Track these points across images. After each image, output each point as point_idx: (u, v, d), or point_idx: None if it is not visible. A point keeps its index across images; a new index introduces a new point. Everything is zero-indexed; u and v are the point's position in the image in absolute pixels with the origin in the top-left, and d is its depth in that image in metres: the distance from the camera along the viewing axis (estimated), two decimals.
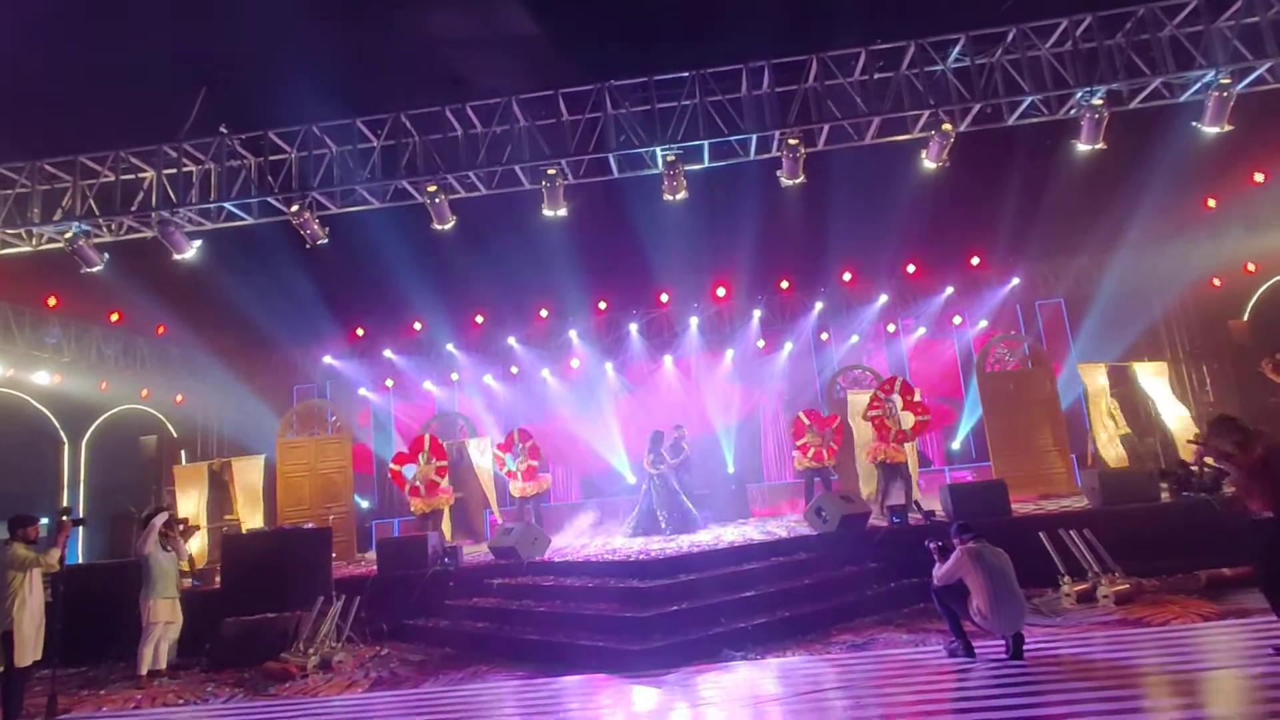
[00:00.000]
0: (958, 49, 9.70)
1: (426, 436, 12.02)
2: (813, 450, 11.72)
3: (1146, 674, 5.45)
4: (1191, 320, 15.35)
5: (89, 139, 10.34)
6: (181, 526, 8.52)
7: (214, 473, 12.73)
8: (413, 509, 11.72)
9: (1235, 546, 7.99)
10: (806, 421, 12.04)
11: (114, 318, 14.42)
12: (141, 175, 10.50)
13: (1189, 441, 8.98)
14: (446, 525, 12.12)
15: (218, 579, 9.60)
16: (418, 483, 11.64)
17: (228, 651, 8.13)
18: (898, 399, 10.95)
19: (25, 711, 6.69)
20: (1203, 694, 5.11)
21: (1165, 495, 9.30)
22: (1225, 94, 9.25)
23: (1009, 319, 16.16)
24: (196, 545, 11.31)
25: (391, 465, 11.82)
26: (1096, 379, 12.11)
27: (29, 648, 6.65)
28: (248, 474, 12.87)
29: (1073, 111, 9.82)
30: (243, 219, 10.82)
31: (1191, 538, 8.30)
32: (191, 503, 12.18)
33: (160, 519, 8.12)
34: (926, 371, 16.35)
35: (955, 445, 16.15)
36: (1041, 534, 8.19)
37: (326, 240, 10.63)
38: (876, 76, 9.73)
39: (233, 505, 12.44)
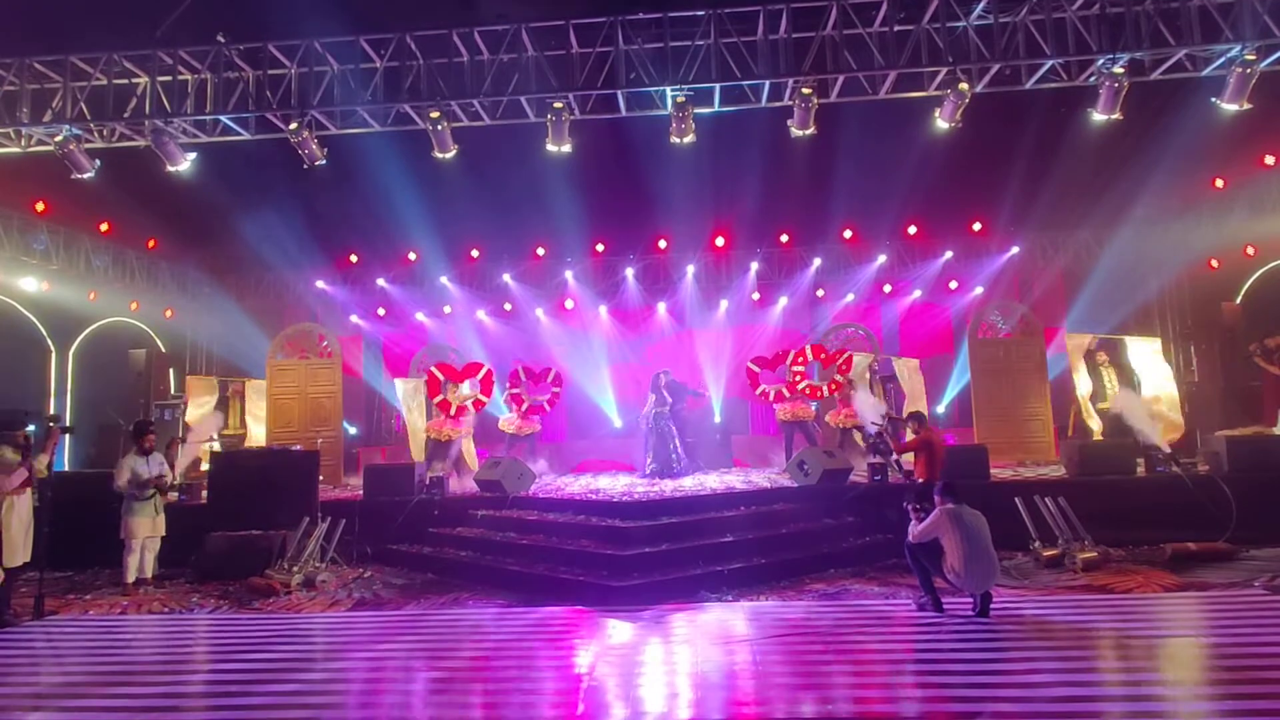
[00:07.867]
0: (982, 5, 9.43)
1: (520, 368, 12.12)
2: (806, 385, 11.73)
3: (1104, 637, 5.66)
4: (1185, 300, 15.37)
5: (80, 38, 9.96)
6: (168, 443, 8.56)
7: (223, 389, 12.77)
8: (441, 435, 11.56)
9: (1202, 522, 8.30)
10: (811, 357, 11.88)
11: (104, 228, 14.17)
12: (135, 80, 10.17)
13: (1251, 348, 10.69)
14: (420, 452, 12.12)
15: (204, 494, 9.70)
16: (467, 403, 11.77)
17: (213, 565, 8.27)
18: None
19: (13, 611, 6.83)
20: (1155, 659, 5.31)
21: (1140, 469, 9.49)
22: (1249, 70, 9.05)
23: (1006, 287, 16.15)
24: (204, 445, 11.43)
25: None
26: (1084, 350, 12.15)
27: (17, 549, 6.78)
28: (259, 395, 12.88)
29: (1092, 79, 9.62)
30: (239, 134, 10.54)
31: (1161, 512, 8.52)
32: (199, 415, 12.25)
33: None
34: (918, 334, 16.42)
35: (940, 409, 16.32)
36: (1018, 499, 8.37)
37: (325, 161, 10.41)
38: (896, 29, 9.47)
39: (228, 421, 12.51)
